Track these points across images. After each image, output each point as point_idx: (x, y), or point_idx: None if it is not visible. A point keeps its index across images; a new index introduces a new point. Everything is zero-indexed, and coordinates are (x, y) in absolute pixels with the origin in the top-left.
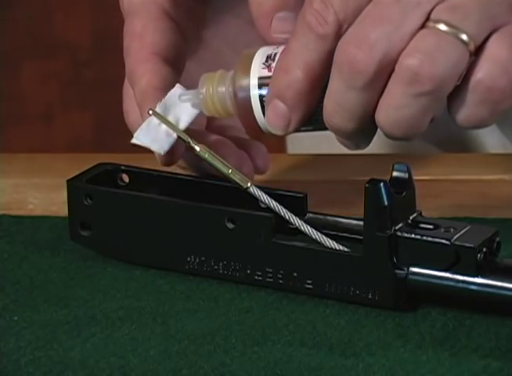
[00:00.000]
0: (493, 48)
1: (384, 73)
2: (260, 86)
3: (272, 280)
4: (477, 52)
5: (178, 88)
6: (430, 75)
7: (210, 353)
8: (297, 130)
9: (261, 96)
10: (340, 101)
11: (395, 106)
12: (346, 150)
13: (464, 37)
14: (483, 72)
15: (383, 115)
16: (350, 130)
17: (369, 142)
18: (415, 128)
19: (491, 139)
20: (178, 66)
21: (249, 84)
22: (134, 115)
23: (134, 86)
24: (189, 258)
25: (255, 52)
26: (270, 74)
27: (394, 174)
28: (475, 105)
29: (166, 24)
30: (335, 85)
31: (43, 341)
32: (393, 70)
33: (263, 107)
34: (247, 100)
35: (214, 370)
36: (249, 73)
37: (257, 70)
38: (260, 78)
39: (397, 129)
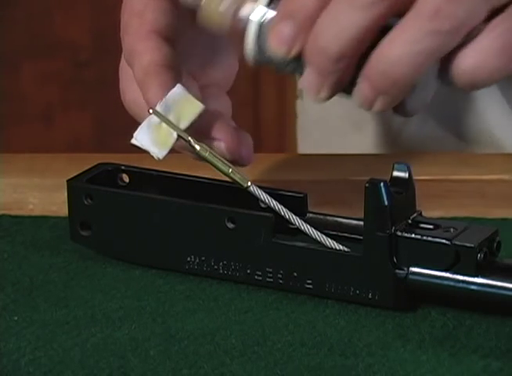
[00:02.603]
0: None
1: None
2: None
3: (272, 280)
4: (489, 18)
5: (178, 88)
6: (452, 14)
7: (211, 353)
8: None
9: (261, 22)
10: (340, 17)
11: (406, 40)
12: (348, 150)
13: None
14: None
15: (388, 47)
16: (334, 53)
17: (334, 91)
18: (416, 68)
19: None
20: (175, 47)
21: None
22: (130, 94)
23: (134, 63)
24: (189, 258)
25: None
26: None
27: (394, 174)
28: (490, 54)
29: (166, 4)
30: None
31: (43, 341)
32: (407, 4)
33: (260, 34)
34: (245, 22)
35: (214, 370)
36: None
37: None
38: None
39: (397, 65)
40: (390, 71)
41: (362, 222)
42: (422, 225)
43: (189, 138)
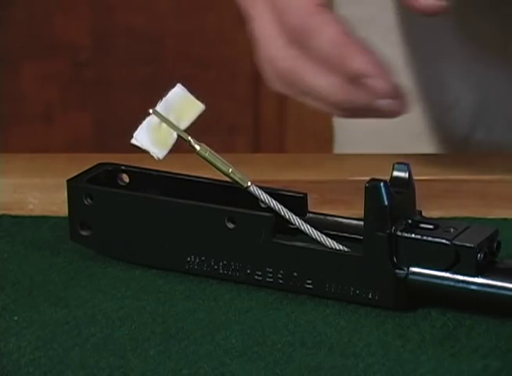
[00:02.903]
0: None
1: None
2: None
3: (272, 280)
4: None
5: (179, 88)
6: None
7: (211, 353)
8: None
9: None
10: None
11: None
12: (354, 150)
13: None
14: None
15: None
16: None
17: None
18: None
19: None
20: None
21: None
22: (284, 62)
23: (315, 39)
24: (189, 258)
25: None
26: None
27: (394, 174)
28: None
29: None
30: None
31: (43, 341)
32: None
33: None
34: None
35: (214, 370)
36: None
37: None
38: None
39: None
40: None
41: (362, 222)
42: (422, 225)
43: (189, 138)
